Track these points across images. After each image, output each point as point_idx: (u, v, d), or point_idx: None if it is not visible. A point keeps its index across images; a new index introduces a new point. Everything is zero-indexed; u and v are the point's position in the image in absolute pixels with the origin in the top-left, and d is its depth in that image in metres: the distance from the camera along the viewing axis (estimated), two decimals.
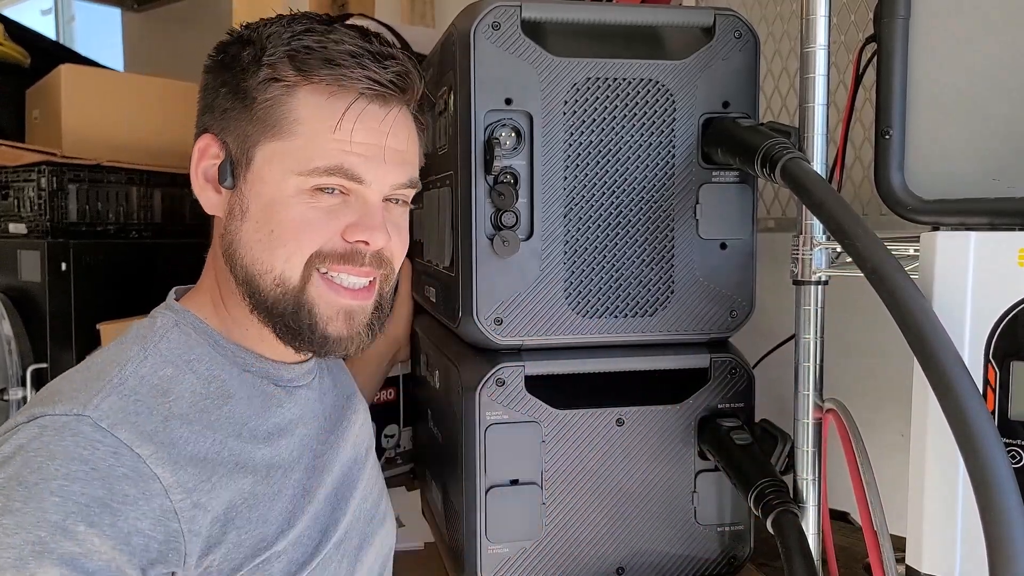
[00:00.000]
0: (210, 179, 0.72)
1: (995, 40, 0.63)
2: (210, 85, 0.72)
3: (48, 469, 0.58)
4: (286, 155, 0.69)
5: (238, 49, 0.70)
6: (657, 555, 0.84)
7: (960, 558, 0.59)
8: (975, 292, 0.59)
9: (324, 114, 0.68)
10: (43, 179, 1.31)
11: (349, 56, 0.68)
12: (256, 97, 0.69)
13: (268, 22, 0.71)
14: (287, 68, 0.68)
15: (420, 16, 1.90)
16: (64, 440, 0.60)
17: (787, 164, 0.70)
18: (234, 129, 0.70)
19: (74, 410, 0.61)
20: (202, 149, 0.72)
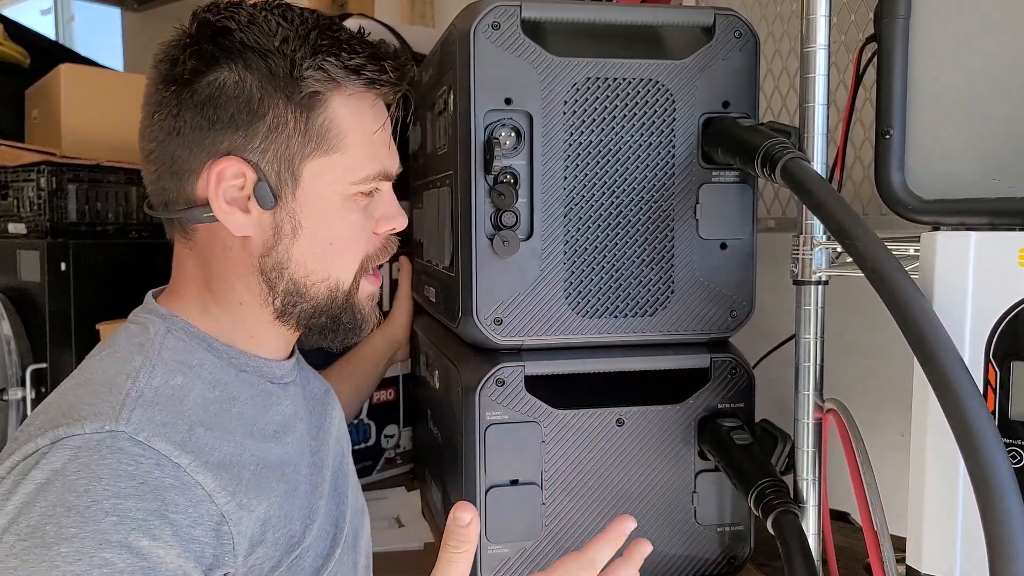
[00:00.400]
0: (235, 201, 0.68)
1: (995, 40, 0.63)
2: (211, 100, 0.67)
3: (97, 490, 0.57)
4: (336, 168, 0.69)
5: (246, 62, 0.67)
6: (657, 555, 0.83)
7: (960, 558, 0.59)
8: (975, 292, 0.59)
9: (362, 122, 0.70)
10: (42, 179, 1.31)
11: (369, 60, 0.69)
12: (299, 113, 0.67)
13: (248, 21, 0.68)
14: (324, 80, 0.68)
15: (420, 16, 1.90)
16: (105, 458, 0.58)
17: (787, 164, 0.69)
18: (271, 148, 0.67)
19: (106, 427, 0.60)
20: (219, 173, 0.67)
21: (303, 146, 0.68)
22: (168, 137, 0.68)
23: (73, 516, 0.56)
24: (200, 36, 0.68)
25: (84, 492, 0.57)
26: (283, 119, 0.67)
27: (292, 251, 0.70)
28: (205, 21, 0.68)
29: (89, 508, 0.56)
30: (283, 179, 0.68)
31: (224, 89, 0.67)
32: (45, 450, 0.59)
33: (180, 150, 0.68)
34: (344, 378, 1.11)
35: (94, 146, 1.51)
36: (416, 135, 1.13)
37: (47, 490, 0.57)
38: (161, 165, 0.70)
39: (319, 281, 0.71)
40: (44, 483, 0.57)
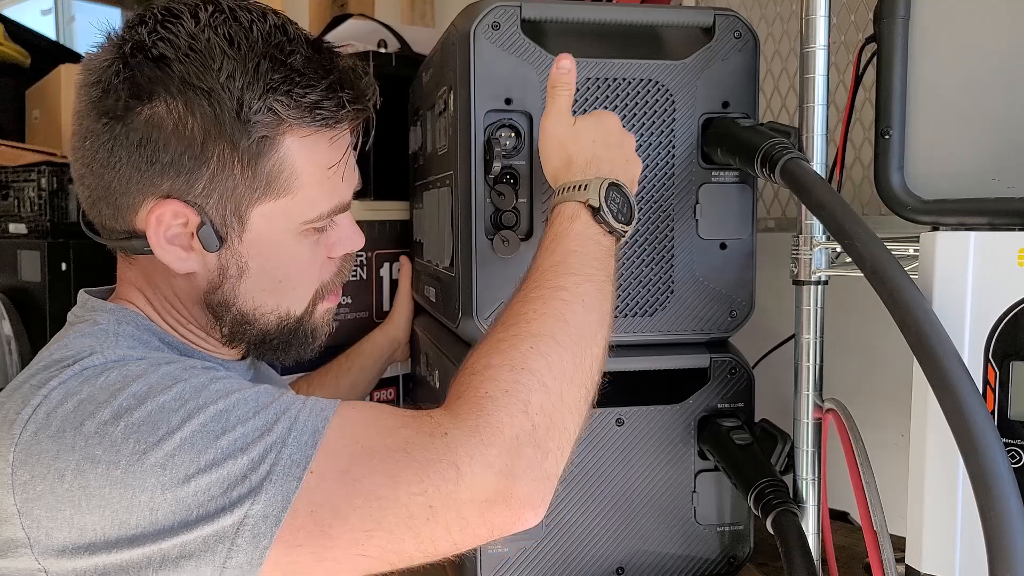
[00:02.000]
0: (176, 239, 0.64)
1: (995, 40, 0.63)
2: (149, 140, 0.61)
3: (133, 369, 0.56)
4: (288, 210, 0.65)
5: (186, 102, 0.60)
6: (657, 555, 0.84)
7: (960, 558, 0.59)
8: (975, 292, 0.59)
9: (316, 160, 0.65)
10: (43, 179, 1.31)
11: (327, 92, 0.63)
12: (245, 159, 0.62)
13: (188, 48, 0.60)
14: (274, 123, 0.61)
15: (420, 16, 1.90)
16: (121, 367, 0.57)
17: (787, 164, 0.70)
18: (215, 192, 0.62)
19: (96, 359, 0.58)
20: (159, 216, 0.62)
21: (251, 191, 0.63)
22: (102, 168, 0.63)
23: (137, 382, 0.55)
24: (135, 61, 0.61)
25: (124, 376, 0.56)
26: (229, 164, 0.61)
27: (239, 289, 0.66)
28: (140, 45, 0.61)
29: (147, 371, 0.56)
30: (229, 222, 0.63)
31: (163, 129, 0.61)
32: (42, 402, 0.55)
33: (116, 184, 0.63)
34: (342, 375, 1.11)
35: None
36: (416, 136, 1.13)
37: (90, 399, 0.54)
38: (95, 192, 0.65)
39: (268, 312, 0.68)
40: (78, 404, 0.54)
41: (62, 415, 0.54)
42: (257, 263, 0.66)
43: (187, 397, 0.55)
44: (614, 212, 0.69)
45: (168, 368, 0.58)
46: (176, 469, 0.52)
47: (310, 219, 0.66)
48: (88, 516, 0.53)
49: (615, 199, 0.69)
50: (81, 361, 0.58)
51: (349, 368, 1.12)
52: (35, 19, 3.24)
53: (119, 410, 0.54)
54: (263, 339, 0.69)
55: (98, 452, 0.53)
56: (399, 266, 1.22)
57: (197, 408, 0.54)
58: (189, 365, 0.59)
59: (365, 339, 1.16)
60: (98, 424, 0.53)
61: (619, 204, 0.70)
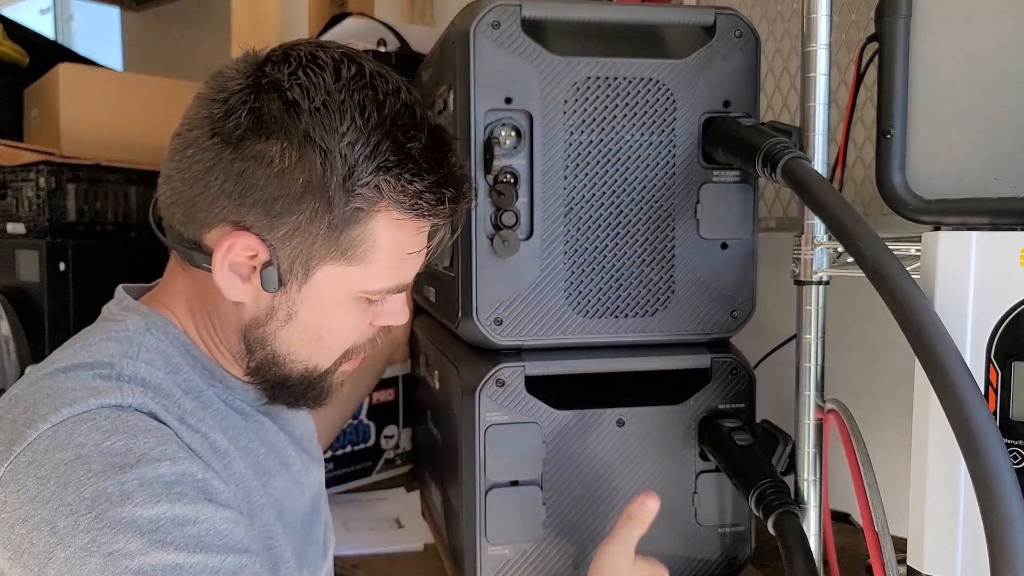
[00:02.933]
0: (238, 268, 0.65)
1: (997, 39, 0.63)
2: (250, 173, 0.62)
3: (139, 444, 0.56)
4: (353, 277, 0.66)
5: (300, 153, 0.61)
6: (658, 556, 0.83)
7: (961, 559, 0.59)
8: (977, 292, 0.58)
9: (398, 244, 0.66)
10: (41, 179, 1.31)
11: (433, 186, 0.64)
12: (335, 223, 0.63)
13: (321, 103, 0.61)
14: (374, 198, 0.63)
15: (420, 15, 1.90)
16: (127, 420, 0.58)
17: (788, 164, 0.69)
18: (292, 241, 0.63)
19: (112, 400, 0.58)
20: (231, 245, 0.63)
21: (327, 250, 0.64)
22: (194, 179, 0.64)
23: (130, 472, 0.55)
24: (265, 97, 0.62)
25: (127, 451, 0.56)
26: (318, 222, 0.62)
27: (280, 333, 0.67)
28: (276, 82, 0.62)
29: (140, 461, 0.56)
30: (295, 270, 0.65)
31: (269, 168, 0.61)
32: (49, 432, 0.56)
33: (201, 199, 0.64)
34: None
35: (93, 146, 1.51)
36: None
37: (84, 463, 0.55)
38: (177, 195, 0.66)
39: (298, 361, 0.69)
40: (75, 458, 0.55)
41: (56, 460, 0.55)
42: (306, 314, 0.67)
43: (162, 525, 0.55)
44: None
45: (165, 470, 0.57)
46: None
47: (371, 291, 0.67)
48: (13, 571, 0.54)
49: None
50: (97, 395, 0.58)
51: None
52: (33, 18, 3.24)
53: (98, 496, 0.54)
54: (283, 382, 0.70)
55: (60, 524, 0.53)
56: None
57: (161, 544, 0.54)
58: (190, 478, 0.58)
59: None
60: (76, 499, 0.54)
61: None
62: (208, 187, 0.63)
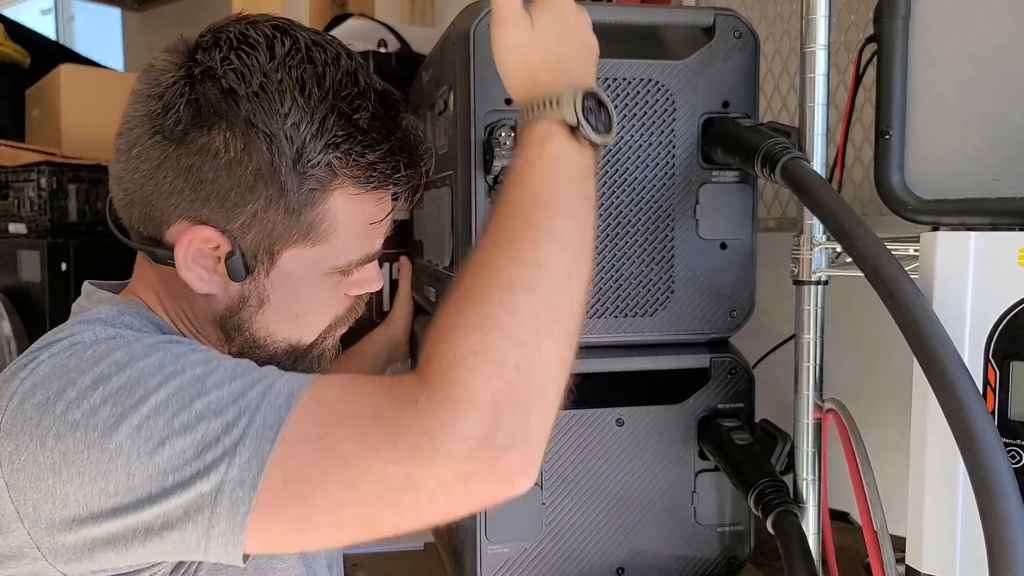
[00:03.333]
0: (202, 260, 0.63)
1: (996, 40, 0.63)
2: (199, 168, 0.60)
3: (141, 341, 0.56)
4: (319, 257, 0.65)
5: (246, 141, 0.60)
6: (657, 555, 0.84)
7: (960, 558, 0.59)
8: (975, 292, 0.59)
9: (361, 216, 0.65)
10: (43, 179, 1.31)
11: (386, 155, 0.63)
12: (291, 206, 0.61)
13: (259, 87, 0.59)
14: (327, 177, 0.61)
15: (420, 16, 1.90)
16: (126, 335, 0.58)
17: (787, 164, 0.70)
18: (252, 229, 0.62)
19: (108, 330, 0.58)
20: (191, 239, 0.62)
21: (288, 234, 0.63)
22: (144, 179, 0.62)
23: (123, 349, 0.55)
24: (202, 89, 0.60)
25: (110, 339, 0.56)
26: (274, 207, 0.61)
27: (255, 318, 0.66)
28: (210, 71, 0.60)
29: (128, 340, 0.56)
30: (259, 258, 0.63)
31: (216, 160, 0.60)
32: (31, 369, 0.55)
33: (154, 197, 0.63)
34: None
35: (94, 146, 1.51)
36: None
37: (74, 364, 0.54)
38: (130, 196, 0.64)
39: (280, 340, 0.68)
40: (63, 367, 0.54)
41: (46, 384, 0.54)
42: (278, 297, 0.65)
43: (166, 362, 0.54)
44: (594, 125, 0.61)
45: (153, 339, 0.57)
46: (150, 432, 0.52)
47: (339, 265, 0.66)
48: (68, 485, 0.52)
49: (592, 109, 0.61)
50: (72, 337, 0.58)
51: (350, 368, 1.12)
52: (35, 19, 3.25)
53: (99, 376, 0.53)
54: (269, 360, 0.68)
55: (76, 416, 0.52)
56: (399, 266, 1.22)
57: (174, 372, 0.54)
58: (176, 338, 0.59)
59: (365, 339, 1.16)
60: (79, 390, 0.53)
61: (597, 113, 0.62)
62: (159, 186, 0.62)
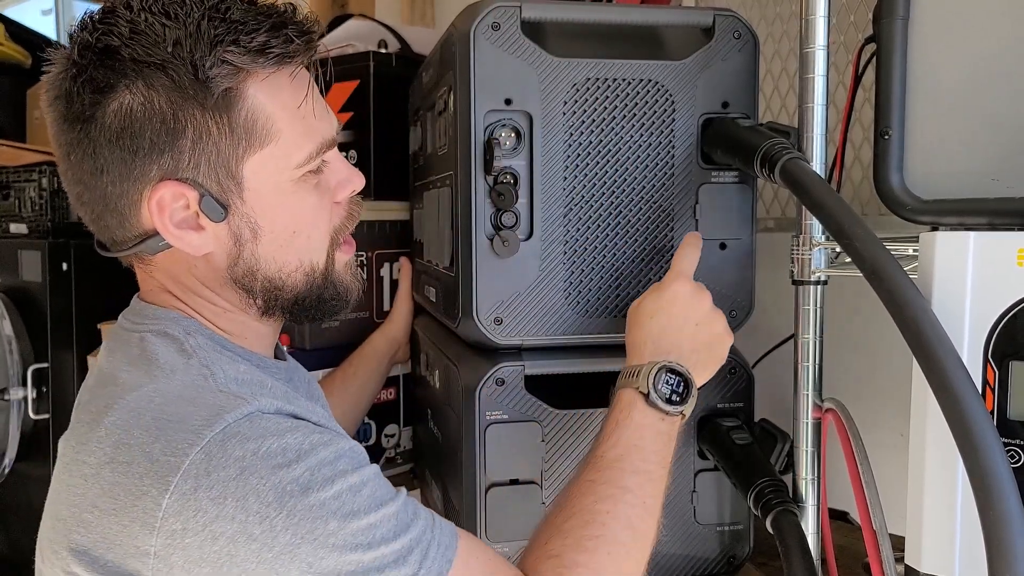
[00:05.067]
0: (185, 223, 0.65)
1: (994, 40, 0.63)
2: (124, 131, 0.62)
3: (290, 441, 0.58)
4: (276, 157, 0.66)
5: (145, 81, 0.61)
6: (657, 554, 0.83)
7: (959, 557, 0.59)
8: (974, 292, 0.59)
9: (284, 102, 0.66)
10: (44, 179, 1.31)
11: (272, 32, 0.64)
12: (219, 117, 0.63)
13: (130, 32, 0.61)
14: (232, 74, 0.62)
15: (420, 16, 1.90)
16: (268, 424, 0.59)
17: (786, 164, 0.70)
18: (202, 160, 0.63)
19: (243, 410, 0.59)
20: (159, 201, 0.63)
21: (233, 147, 0.64)
22: (92, 177, 0.64)
23: (297, 467, 0.57)
24: (86, 62, 0.62)
25: (284, 450, 0.58)
26: (204, 128, 0.63)
27: (258, 252, 0.67)
28: (85, 44, 0.62)
29: (300, 455, 0.58)
30: (225, 187, 0.65)
31: (133, 115, 0.62)
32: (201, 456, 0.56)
33: (110, 187, 0.64)
34: (348, 380, 1.12)
35: None
36: (416, 136, 1.13)
37: (252, 472, 0.56)
38: (96, 206, 0.66)
39: (294, 271, 0.69)
40: (241, 471, 0.56)
41: (224, 478, 0.56)
42: (267, 220, 0.67)
43: (344, 499, 0.58)
44: (666, 396, 0.72)
45: (324, 454, 0.59)
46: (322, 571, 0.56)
47: (300, 162, 0.67)
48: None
49: (668, 381, 0.72)
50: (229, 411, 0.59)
51: (354, 373, 1.13)
52: (36, 19, 3.24)
53: (283, 494, 0.56)
54: (296, 301, 0.71)
55: (256, 532, 0.56)
56: (399, 266, 1.22)
57: (352, 514, 0.58)
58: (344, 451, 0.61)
59: (366, 343, 1.16)
60: (261, 505, 0.56)
61: (673, 385, 0.72)
62: (106, 172, 0.64)
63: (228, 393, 0.61)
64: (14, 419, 1.30)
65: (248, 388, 0.63)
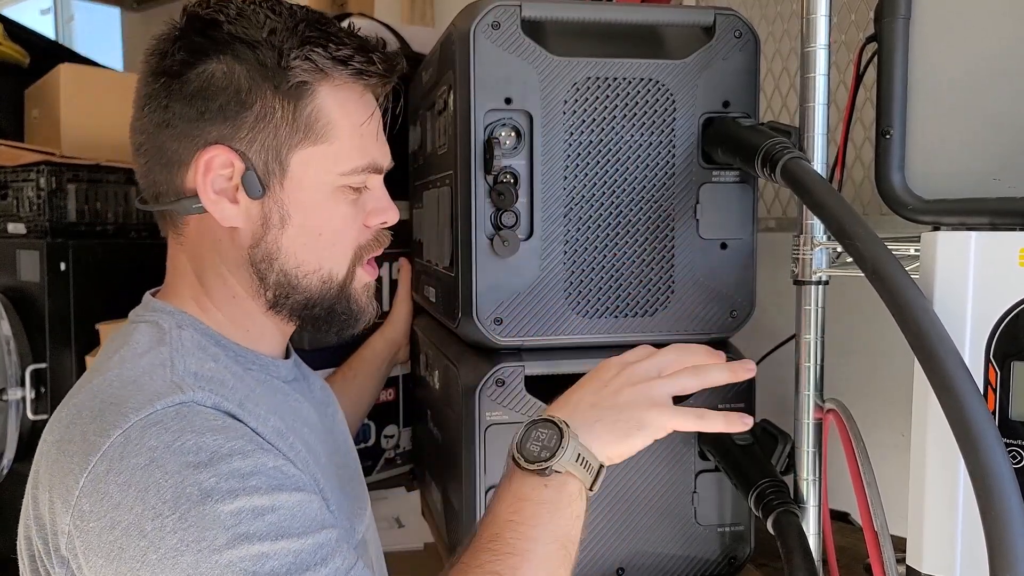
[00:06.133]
0: (223, 192, 0.69)
1: (996, 40, 0.63)
2: (200, 92, 0.67)
3: (208, 443, 0.58)
4: (324, 158, 0.69)
5: (234, 54, 0.67)
6: (657, 556, 0.83)
7: (960, 558, 0.59)
8: (976, 292, 0.59)
9: (349, 113, 0.70)
10: (42, 179, 1.31)
11: (357, 51, 0.69)
12: (287, 103, 0.68)
13: (236, 14, 0.68)
14: (311, 70, 0.68)
15: (420, 16, 1.90)
16: (194, 420, 0.59)
17: (787, 164, 0.69)
18: (259, 138, 0.68)
19: (176, 399, 0.60)
20: (207, 162, 0.68)
21: (291, 136, 0.68)
22: (157, 129, 0.69)
23: (205, 471, 0.56)
24: (189, 29, 0.68)
25: (199, 449, 0.57)
26: (271, 108, 0.67)
27: (281, 241, 0.70)
28: (194, 15, 0.69)
29: (213, 458, 0.57)
30: (271, 168, 0.68)
31: (213, 80, 0.67)
32: (120, 439, 0.57)
33: (169, 141, 0.69)
34: (348, 382, 1.12)
35: (94, 146, 1.51)
36: (416, 135, 1.13)
37: (159, 465, 0.56)
38: (151, 157, 0.70)
39: (310, 272, 0.71)
40: (150, 462, 0.56)
41: (133, 466, 0.56)
42: (298, 213, 0.70)
43: (241, 518, 0.56)
44: (534, 453, 0.62)
45: (238, 464, 0.58)
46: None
47: (345, 171, 0.71)
48: (107, 573, 0.56)
49: (538, 437, 0.62)
50: (159, 397, 0.60)
51: (354, 376, 1.13)
52: (34, 19, 3.24)
53: (180, 496, 0.55)
54: (306, 306, 0.72)
55: (147, 528, 0.55)
56: (399, 267, 1.22)
57: (245, 537, 0.56)
58: (264, 468, 0.59)
59: (365, 345, 1.16)
60: (159, 501, 0.55)
61: (543, 441, 0.62)
62: (172, 125, 0.68)
63: (173, 382, 0.62)
64: (12, 419, 1.30)
65: (201, 383, 0.63)
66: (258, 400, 0.67)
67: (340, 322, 0.75)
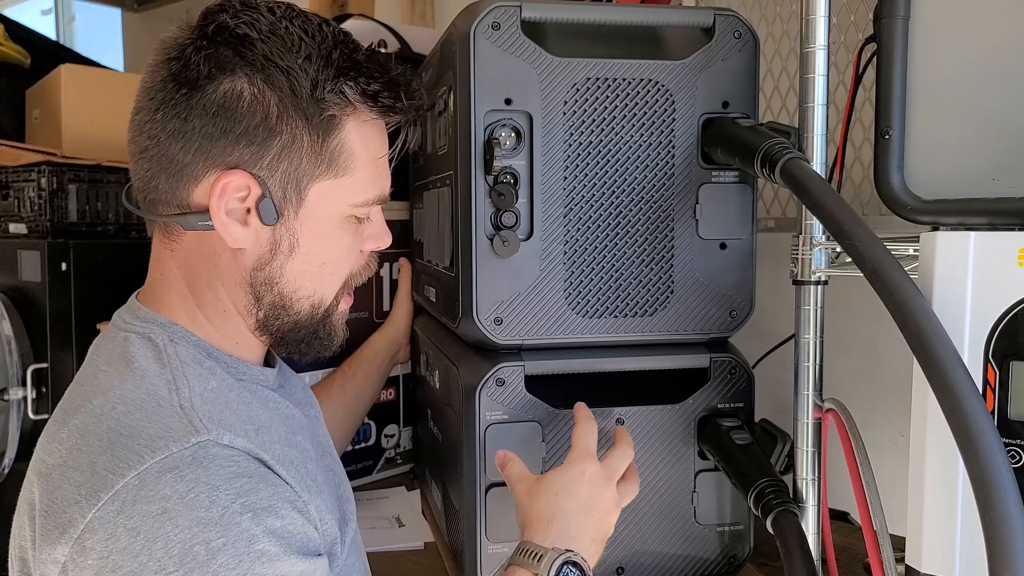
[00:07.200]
0: (235, 214, 0.67)
1: (995, 40, 0.63)
2: (225, 110, 0.65)
3: (221, 497, 0.57)
4: (340, 190, 0.69)
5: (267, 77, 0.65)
6: (657, 555, 0.84)
7: (960, 558, 0.59)
8: (975, 292, 0.59)
9: (370, 147, 0.70)
10: (43, 179, 1.31)
11: (388, 85, 0.68)
12: (315, 135, 0.66)
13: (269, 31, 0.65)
14: (341, 105, 0.67)
15: (420, 16, 1.90)
16: (209, 467, 0.58)
17: (787, 164, 0.70)
18: (281, 166, 0.66)
19: (191, 439, 0.59)
20: (225, 186, 0.65)
21: (313, 167, 0.67)
22: (170, 138, 0.66)
23: (214, 529, 0.56)
24: (217, 40, 0.65)
25: (211, 504, 0.57)
26: (299, 139, 0.66)
27: (286, 268, 0.69)
28: (223, 25, 0.65)
29: (224, 516, 0.56)
30: (289, 197, 0.67)
31: (241, 100, 0.64)
32: (135, 482, 0.57)
33: (183, 154, 0.66)
34: (347, 382, 1.11)
35: (94, 146, 1.51)
36: (416, 135, 1.13)
37: (171, 518, 0.56)
38: (156, 164, 0.67)
39: (304, 297, 0.71)
40: (162, 512, 0.56)
41: (145, 512, 0.56)
42: (307, 242, 0.69)
43: None
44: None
45: (247, 525, 0.58)
46: None
47: (357, 203, 0.70)
48: None
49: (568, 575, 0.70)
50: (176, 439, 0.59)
51: (353, 375, 1.13)
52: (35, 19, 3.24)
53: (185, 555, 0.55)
54: (292, 328, 0.72)
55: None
56: (399, 266, 1.22)
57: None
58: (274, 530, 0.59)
59: (365, 345, 1.16)
60: (165, 555, 0.55)
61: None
62: (187, 138, 0.65)
63: (184, 415, 0.61)
64: (14, 419, 1.30)
65: (209, 408, 0.62)
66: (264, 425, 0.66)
67: (317, 345, 0.74)
